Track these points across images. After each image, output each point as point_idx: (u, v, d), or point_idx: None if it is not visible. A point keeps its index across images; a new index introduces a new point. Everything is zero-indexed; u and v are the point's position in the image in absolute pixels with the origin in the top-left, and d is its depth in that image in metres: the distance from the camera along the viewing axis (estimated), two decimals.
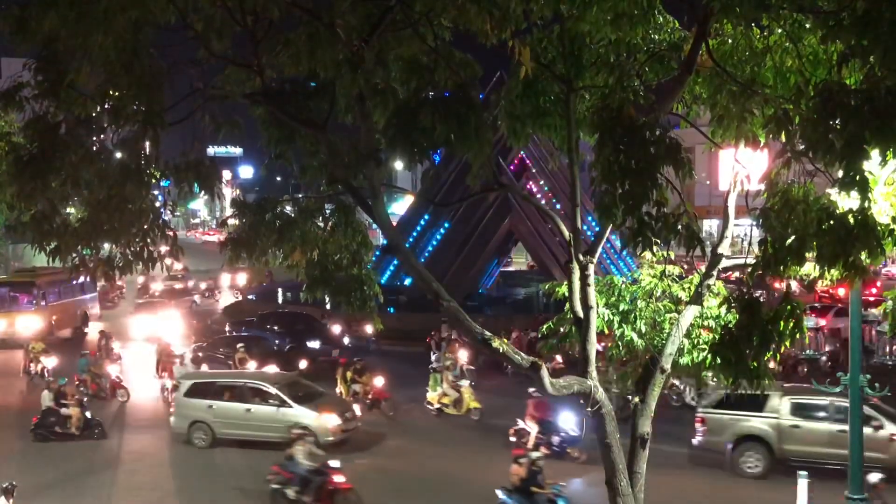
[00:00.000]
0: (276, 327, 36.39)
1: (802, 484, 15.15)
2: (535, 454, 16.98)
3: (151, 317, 40.68)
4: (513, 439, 21.41)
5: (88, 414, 23.79)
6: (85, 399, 25.17)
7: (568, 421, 21.40)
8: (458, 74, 8.81)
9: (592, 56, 9.74)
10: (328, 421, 21.98)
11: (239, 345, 29.08)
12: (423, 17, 8.83)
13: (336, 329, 35.66)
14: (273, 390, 22.74)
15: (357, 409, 24.17)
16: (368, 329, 33.67)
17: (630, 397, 11.00)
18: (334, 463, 17.82)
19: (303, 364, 30.21)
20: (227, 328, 37.74)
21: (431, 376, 26.74)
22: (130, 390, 28.09)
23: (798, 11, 8.49)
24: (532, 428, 21.22)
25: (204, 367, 29.60)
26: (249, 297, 50.01)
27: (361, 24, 9.03)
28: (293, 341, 34.60)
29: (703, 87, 9.71)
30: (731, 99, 9.08)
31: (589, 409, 9.75)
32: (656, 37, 9.67)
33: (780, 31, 9.06)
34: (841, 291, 32.65)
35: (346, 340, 35.05)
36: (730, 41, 9.51)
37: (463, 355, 28.46)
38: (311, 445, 18.71)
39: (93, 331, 39.48)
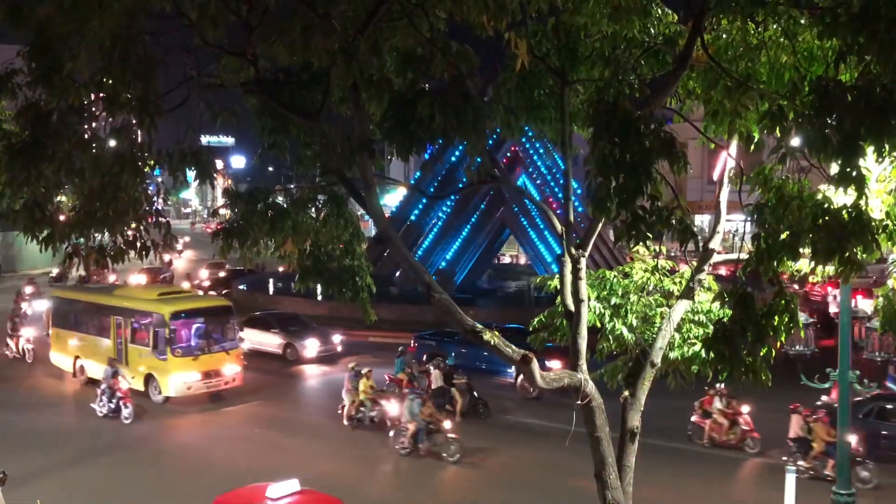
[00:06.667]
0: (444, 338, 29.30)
1: (790, 479, 15.15)
2: None
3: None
4: None
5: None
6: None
7: None
8: (456, 66, 8.77)
9: (587, 49, 9.73)
10: None
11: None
12: (419, 8, 8.80)
13: None
14: None
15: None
16: None
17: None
18: None
19: None
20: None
21: None
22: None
23: (794, 7, 8.50)
24: None
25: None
26: (241, 287, 49.61)
27: (356, 14, 8.99)
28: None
29: (697, 82, 9.70)
30: (725, 94, 9.07)
31: (579, 402, 9.76)
32: (652, 31, 9.66)
33: (775, 26, 9.05)
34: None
35: None
36: (725, 36, 9.50)
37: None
38: None
39: None
